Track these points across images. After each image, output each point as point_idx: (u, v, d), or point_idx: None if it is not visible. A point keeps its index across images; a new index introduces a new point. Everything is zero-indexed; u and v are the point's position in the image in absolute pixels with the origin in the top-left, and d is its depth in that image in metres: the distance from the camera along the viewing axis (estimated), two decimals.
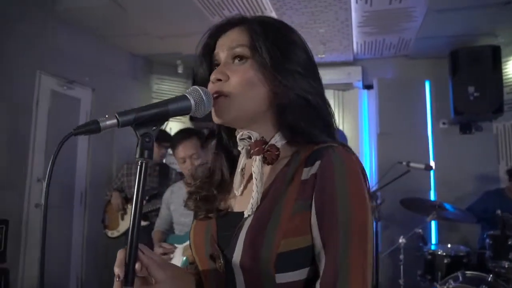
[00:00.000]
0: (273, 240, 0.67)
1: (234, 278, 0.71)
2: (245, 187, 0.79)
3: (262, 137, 0.77)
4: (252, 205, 0.72)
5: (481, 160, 4.39)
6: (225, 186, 0.85)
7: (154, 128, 0.67)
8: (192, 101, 0.70)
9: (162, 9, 3.57)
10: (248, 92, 0.75)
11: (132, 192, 0.63)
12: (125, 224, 3.57)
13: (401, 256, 3.22)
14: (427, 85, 4.71)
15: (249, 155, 0.79)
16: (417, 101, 4.66)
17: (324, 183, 0.68)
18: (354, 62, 4.87)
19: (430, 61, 4.73)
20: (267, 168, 0.77)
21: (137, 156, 0.64)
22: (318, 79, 0.82)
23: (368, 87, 4.85)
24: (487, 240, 2.98)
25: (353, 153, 0.74)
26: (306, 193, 0.69)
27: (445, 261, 3.20)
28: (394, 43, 4.43)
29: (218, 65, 0.80)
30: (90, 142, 3.98)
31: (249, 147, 0.78)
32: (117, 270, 0.63)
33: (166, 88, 5.22)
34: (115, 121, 0.62)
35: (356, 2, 3.43)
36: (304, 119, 0.76)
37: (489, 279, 2.72)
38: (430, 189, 4.54)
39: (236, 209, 0.79)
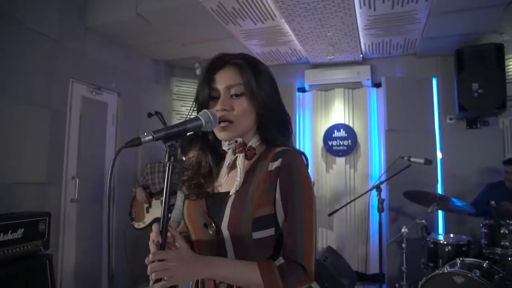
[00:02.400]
0: (250, 210, 1.01)
1: (223, 239, 1.03)
2: (228, 175, 1.13)
3: (243, 141, 1.11)
4: (236, 186, 1.06)
5: (487, 154, 4.52)
6: (211, 176, 1.17)
7: (178, 140, 0.97)
8: (203, 121, 1.00)
9: (182, 20, 3.88)
10: (245, 118, 1.10)
11: (156, 188, 0.93)
12: (150, 216, 3.94)
13: (404, 245, 3.45)
14: (434, 82, 4.88)
15: (234, 153, 1.12)
16: (424, 98, 4.83)
17: (285, 174, 1.03)
18: (363, 61, 5.07)
19: (437, 59, 4.89)
20: (247, 162, 1.10)
21: (166, 160, 0.95)
22: (280, 97, 1.15)
23: (377, 85, 5.04)
24: (483, 229, 3.19)
25: (303, 154, 1.09)
26: (271, 179, 1.04)
27: (446, 249, 3.42)
28: (401, 43, 4.62)
29: (216, 94, 1.11)
30: (116, 145, 4.35)
31: (235, 148, 1.11)
32: (155, 236, 0.95)
33: (185, 90, 5.55)
34: (151, 137, 0.93)
35: (360, 7, 3.65)
36: (274, 130, 1.11)
37: (484, 265, 2.93)
38: (437, 182, 4.73)
39: (222, 190, 1.11)
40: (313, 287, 1.07)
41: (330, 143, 4.99)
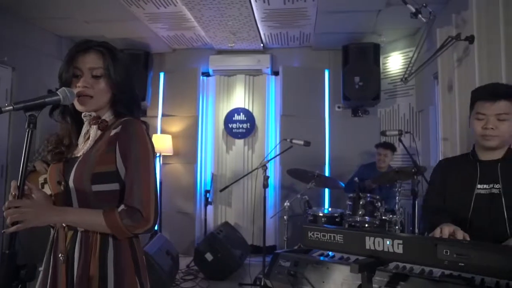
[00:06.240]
0: (91, 166, 1.23)
1: (70, 192, 1.26)
2: (84, 143, 1.33)
3: (97, 115, 1.33)
4: (85, 150, 1.29)
5: (367, 139, 5.14)
6: (73, 145, 1.37)
7: (37, 111, 1.15)
8: (61, 96, 1.19)
9: None
10: (101, 96, 1.32)
11: None
12: (45, 191, 3.93)
13: (286, 217, 3.90)
14: (326, 74, 5.42)
15: (89, 125, 1.33)
16: (317, 87, 5.38)
17: (123, 136, 1.26)
18: (264, 50, 5.43)
19: (329, 53, 5.41)
20: (100, 132, 1.32)
21: (26, 127, 1.12)
22: (132, 82, 1.39)
23: (275, 73, 5.45)
24: (348, 202, 3.75)
25: (142, 122, 1.32)
26: (112, 143, 1.26)
27: (323, 220, 3.96)
28: (297, 36, 5.05)
29: (79, 73, 1.30)
30: (11, 120, 4.22)
31: (89, 120, 1.33)
32: (13, 189, 1.14)
33: None
34: (11, 107, 1.10)
35: (256, 1, 3.96)
36: (125, 107, 1.34)
37: None
38: (325, 163, 5.31)
39: (78, 155, 1.32)
40: (206, 257, 1.32)
41: (230, 126, 5.32)
